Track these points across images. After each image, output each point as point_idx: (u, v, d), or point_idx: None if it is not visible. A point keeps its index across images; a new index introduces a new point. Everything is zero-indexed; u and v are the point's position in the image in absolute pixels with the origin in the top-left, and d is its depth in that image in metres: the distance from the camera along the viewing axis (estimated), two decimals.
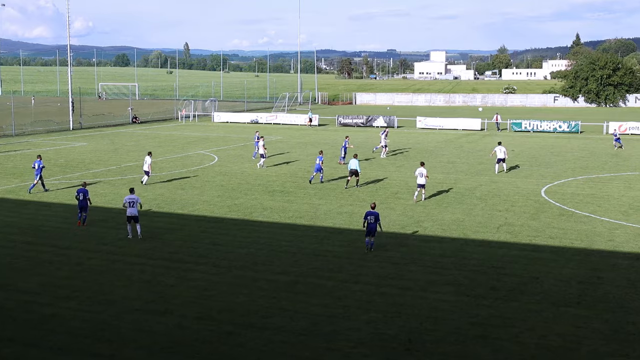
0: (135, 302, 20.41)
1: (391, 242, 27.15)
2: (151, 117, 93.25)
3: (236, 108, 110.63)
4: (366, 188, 38.98)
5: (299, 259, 24.83)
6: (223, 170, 46.04)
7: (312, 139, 66.95)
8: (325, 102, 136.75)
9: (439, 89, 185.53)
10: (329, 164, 47.76)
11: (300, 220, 30.98)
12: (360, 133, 72.72)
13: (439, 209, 33.26)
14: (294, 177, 42.94)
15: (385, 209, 33.12)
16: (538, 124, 74.96)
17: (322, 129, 78.47)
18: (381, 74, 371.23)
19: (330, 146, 60.11)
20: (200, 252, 25.67)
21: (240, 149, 58.24)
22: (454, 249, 26.07)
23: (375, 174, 44.32)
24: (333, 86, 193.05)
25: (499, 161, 44.74)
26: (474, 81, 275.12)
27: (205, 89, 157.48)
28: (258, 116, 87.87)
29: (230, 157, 52.50)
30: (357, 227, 29.63)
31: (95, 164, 49.22)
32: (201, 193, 37.65)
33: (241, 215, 32.21)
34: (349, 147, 50.87)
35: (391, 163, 49.03)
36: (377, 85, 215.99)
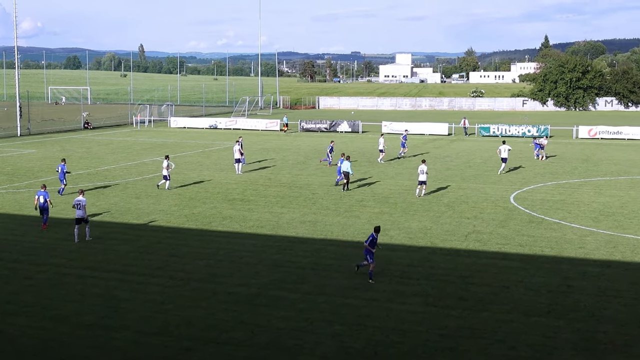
0: (87, 318, 20.17)
1: (356, 251, 27.20)
2: (104, 123, 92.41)
3: (194, 113, 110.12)
4: (330, 195, 39.06)
5: (261, 270, 24.77)
6: (180, 178, 45.75)
7: (273, 144, 66.91)
8: (287, 107, 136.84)
9: (405, 92, 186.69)
10: (301, 169, 47.72)
11: (262, 230, 30.92)
12: (358, 140, 72.84)
13: (406, 217, 33.44)
14: (254, 185, 42.85)
15: (351, 217, 33.21)
16: (507, 128, 75.82)
17: (284, 135, 78.49)
18: (345, 77, 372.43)
19: (293, 153, 60.13)
20: (157, 264, 25.47)
21: (199, 155, 57.97)
22: (421, 258, 26.22)
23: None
24: (295, 90, 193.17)
25: (504, 160, 47.58)
26: (441, 84, 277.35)
27: (161, 93, 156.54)
28: (217, 121, 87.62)
29: (188, 164, 52.22)
30: (320, 236, 29.67)
31: (45, 172, 48.58)
32: (157, 202, 37.37)
33: (199, 225, 32.04)
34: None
35: (356, 169, 49.19)
36: (341, 88, 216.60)
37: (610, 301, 21.55)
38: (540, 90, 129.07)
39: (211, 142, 69.21)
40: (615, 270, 24.78)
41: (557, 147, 64.59)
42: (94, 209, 35.11)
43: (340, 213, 34.36)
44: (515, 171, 48.67)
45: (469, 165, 51.96)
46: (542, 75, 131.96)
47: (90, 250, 27.46)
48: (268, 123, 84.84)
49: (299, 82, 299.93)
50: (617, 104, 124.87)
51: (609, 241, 28.80)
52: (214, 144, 67.79)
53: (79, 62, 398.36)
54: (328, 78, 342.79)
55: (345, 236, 29.70)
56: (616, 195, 39.34)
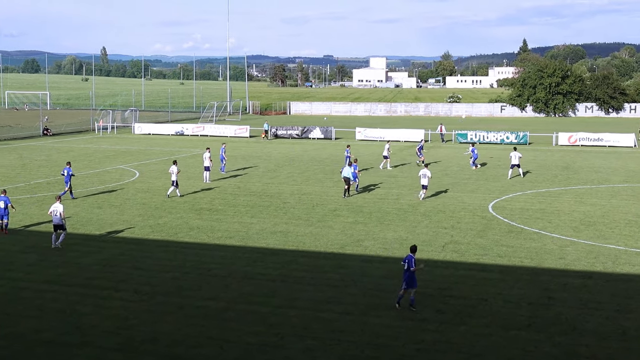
0: (47, 334, 19.94)
1: (329, 263, 27.22)
2: (65, 129, 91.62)
3: (159, 118, 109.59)
4: (302, 205, 39.05)
5: (230, 283, 24.68)
6: (145, 186, 45.50)
7: (243, 152, 66.78)
8: (257, 112, 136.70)
9: (380, 97, 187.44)
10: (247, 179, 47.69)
11: (231, 241, 30.82)
12: (330, 147, 72.84)
13: (381, 227, 33.52)
14: (223, 194, 42.72)
15: (324, 228, 33.23)
16: (485, 135, 76.34)
17: (253, 141, 78.39)
18: (317, 82, 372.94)
19: (263, 160, 60.08)
20: (120, 277, 25.28)
21: (164, 163, 57.68)
22: (397, 270, 26.26)
23: (311, 189, 44.44)
24: (266, 95, 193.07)
25: (512, 167, 49.58)
26: (417, 89, 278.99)
27: (125, 97, 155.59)
28: (184, 127, 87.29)
29: (153, 173, 51.95)
30: (292, 247, 29.65)
31: (1, 181, 48.05)
32: (121, 212, 37.12)
33: (165, 236, 31.87)
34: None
35: (328, 178, 49.25)
36: (313, 93, 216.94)
37: (592, 313, 21.74)
38: (518, 96, 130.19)
39: (177, 149, 68.92)
40: (596, 281, 25.02)
41: (536, 154, 65.13)
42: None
43: (313, 223, 34.36)
44: (493, 179, 49.01)
45: (445, 173, 52.23)
46: (521, 80, 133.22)
47: (49, 263, 27.20)
48: (237, 129, 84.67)
49: (270, 86, 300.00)
50: (598, 110, 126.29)
51: (590, 251, 29.08)
52: (181, 151, 67.51)
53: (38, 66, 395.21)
54: (300, 82, 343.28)
55: (318, 247, 29.70)
56: (597, 204, 39.76)
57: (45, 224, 33.69)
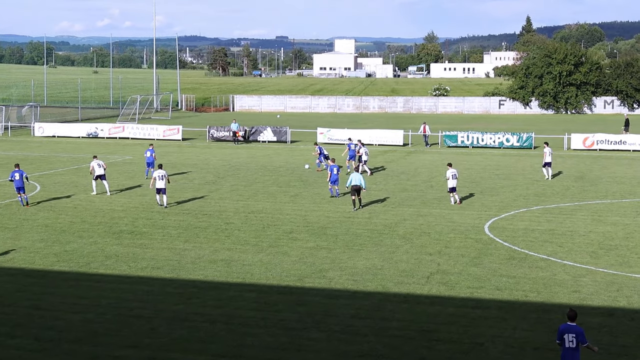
0: None
1: (284, 299, 27.17)
2: None
3: (67, 117, 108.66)
4: (249, 226, 38.98)
5: (157, 325, 24.54)
6: (48, 204, 45.10)
7: (173, 159, 66.49)
8: (192, 109, 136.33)
9: (347, 90, 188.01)
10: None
11: (159, 272, 30.65)
12: (285, 152, 72.63)
13: (349, 253, 33.57)
14: (148, 212, 42.50)
15: (277, 254, 33.19)
16: (479, 137, 76.87)
17: (187, 145, 78.10)
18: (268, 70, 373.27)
19: (199, 169, 59.88)
20: (16, 320, 25.01)
21: (73, 173, 57.23)
22: (369, 307, 26.31)
23: (261, 206, 44.38)
24: (203, 86, 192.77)
25: (546, 165, 53.59)
26: (394, 80, 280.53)
27: (22, 90, 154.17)
28: (98, 128, 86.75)
29: (58, 185, 51.53)
30: (237, 279, 29.57)
31: None
32: (16, 236, 36.75)
33: (74, 266, 31.60)
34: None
35: (283, 191, 49.24)
36: (263, 85, 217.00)
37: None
38: (521, 88, 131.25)
39: (90, 156, 68.37)
40: (619, 319, 25.25)
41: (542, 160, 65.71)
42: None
43: (263, 249, 34.32)
44: (490, 192, 49.36)
45: (430, 185, 52.48)
46: (524, 68, 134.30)
47: None
48: (166, 130, 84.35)
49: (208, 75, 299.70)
50: (620, 106, 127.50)
51: (612, 282, 29.37)
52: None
53: None
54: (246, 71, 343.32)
55: (270, 279, 29.65)
56: (619, 222, 40.21)
57: None
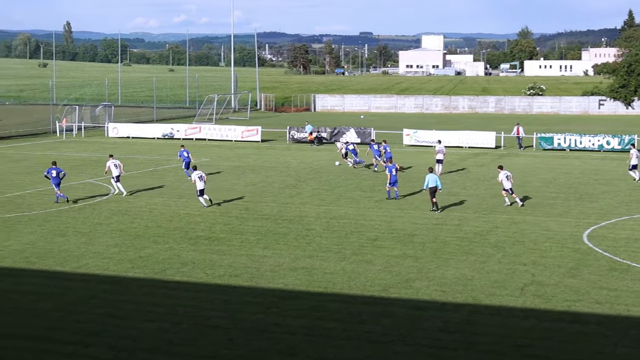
0: None
1: (368, 310, 27.15)
2: (16, 131, 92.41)
3: (142, 117, 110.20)
4: (331, 232, 39.04)
5: (235, 336, 24.70)
6: (123, 207, 45.75)
7: (252, 161, 66.90)
8: (272, 109, 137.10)
9: (435, 89, 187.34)
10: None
11: (237, 280, 30.86)
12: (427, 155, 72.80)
13: (437, 262, 33.43)
14: (226, 217, 42.84)
15: (360, 263, 33.18)
16: (577, 139, 76.01)
17: (266, 147, 78.50)
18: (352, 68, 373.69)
19: (279, 172, 60.16)
20: (90, 328, 25.39)
21: (148, 176, 57.96)
22: (459, 320, 26.16)
23: (344, 211, 44.43)
24: (283, 85, 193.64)
25: (632, 168, 54.15)
26: (485, 78, 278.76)
27: (96, 89, 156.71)
28: (173, 129, 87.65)
29: (133, 189, 52.18)
30: (318, 288, 29.62)
31: None
32: (90, 241, 37.34)
33: (150, 273, 31.99)
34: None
35: (367, 196, 49.23)
36: (345, 83, 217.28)
37: None
38: (622, 87, 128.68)
39: (166, 158, 69.28)
40: None
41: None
42: (1, 250, 35.07)
43: (346, 257, 34.34)
44: (589, 199, 48.71)
45: (525, 190, 52.02)
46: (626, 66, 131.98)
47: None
48: (245, 131, 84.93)
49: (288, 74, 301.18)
50: None
51: None
52: (170, 160, 67.81)
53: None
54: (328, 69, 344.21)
55: (353, 289, 29.66)
56: None
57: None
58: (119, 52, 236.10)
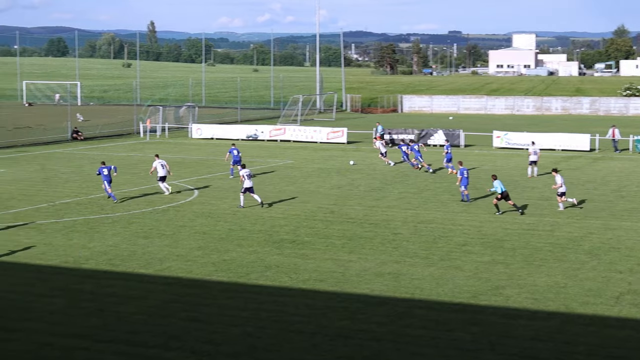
0: None
1: (457, 317, 27.01)
2: (100, 132, 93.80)
3: (225, 118, 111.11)
4: (419, 237, 38.91)
5: (319, 342, 24.75)
6: (206, 209, 46.15)
7: (337, 163, 66.95)
8: (358, 110, 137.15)
9: (527, 89, 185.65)
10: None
11: (322, 285, 30.93)
12: (458, 156, 72.68)
13: (529, 269, 33.12)
14: (310, 221, 42.95)
15: (449, 269, 33.02)
16: None
17: (352, 148, 78.47)
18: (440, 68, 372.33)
19: (365, 175, 60.15)
20: (172, 332, 25.65)
21: (234, 178, 58.37)
22: (551, 329, 25.88)
23: (432, 215, 44.26)
24: (369, 85, 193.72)
25: None
26: (579, 78, 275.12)
27: (180, 89, 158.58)
28: (257, 129, 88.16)
29: (217, 191, 52.61)
30: (405, 294, 29.54)
31: (17, 200, 49.52)
32: (174, 244, 37.74)
33: (233, 276, 32.21)
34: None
35: (455, 199, 48.97)
36: (434, 83, 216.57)
37: None
38: None
39: (250, 159, 69.68)
40: None
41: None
42: (85, 252, 35.64)
43: (434, 262, 34.21)
44: None
45: (620, 194, 51.32)
46: None
47: (80, 311, 27.81)
48: (330, 132, 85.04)
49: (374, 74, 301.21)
50: None
51: None
52: (254, 161, 68.21)
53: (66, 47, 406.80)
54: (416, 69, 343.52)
55: (441, 295, 29.53)
56: None
57: (75, 259, 34.55)
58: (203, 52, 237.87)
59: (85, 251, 35.98)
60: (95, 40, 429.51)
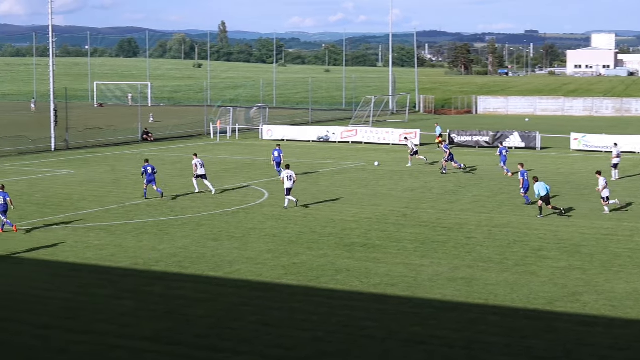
0: None
1: (531, 324, 26.80)
2: (170, 133, 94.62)
3: (296, 119, 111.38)
4: (493, 242, 38.68)
5: (390, 348, 24.71)
6: (276, 212, 46.32)
7: (410, 166, 66.77)
8: (431, 111, 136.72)
9: (606, 90, 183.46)
10: None
11: (393, 290, 30.88)
12: (534, 160, 72.23)
13: (607, 275, 32.76)
14: (382, 224, 42.90)
15: (524, 274, 32.78)
16: None
17: (424, 151, 78.17)
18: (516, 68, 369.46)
19: (437, 178, 59.92)
20: (242, 335, 25.78)
21: (302, 180, 58.54)
22: (630, 337, 25.58)
23: (507, 219, 43.95)
24: (443, 86, 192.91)
25: None
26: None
27: (250, 90, 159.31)
28: (329, 131, 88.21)
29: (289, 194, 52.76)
30: (478, 300, 29.38)
31: (88, 201, 50.14)
32: (243, 246, 37.95)
33: (303, 280, 32.29)
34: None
35: (531, 204, 48.57)
36: (509, 84, 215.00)
37: None
38: None
39: (321, 162, 69.82)
40: None
41: None
42: (155, 254, 35.99)
43: (508, 267, 33.98)
44: None
45: None
46: None
47: (149, 313, 28.09)
48: (403, 134, 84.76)
49: (448, 74, 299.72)
50: None
51: None
52: (325, 163, 68.32)
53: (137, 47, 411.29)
54: (491, 69, 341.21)
55: (515, 301, 29.33)
56: None
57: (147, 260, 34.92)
58: (274, 52, 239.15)
59: (155, 253, 36.37)
60: (166, 41, 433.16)
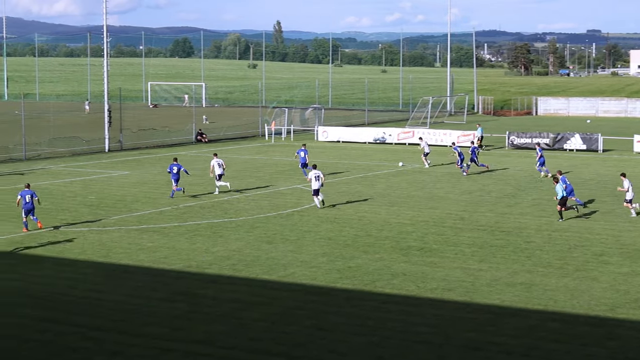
0: None
1: (592, 331, 26.59)
2: (224, 134, 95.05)
3: (352, 120, 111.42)
4: (553, 246, 38.41)
5: (446, 354, 24.65)
6: (331, 214, 46.36)
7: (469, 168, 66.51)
8: (490, 112, 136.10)
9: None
10: None
11: (450, 295, 30.79)
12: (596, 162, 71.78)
13: None
14: (439, 227, 42.79)
15: (585, 280, 32.53)
16: None
17: (484, 153, 77.82)
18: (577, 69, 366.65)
19: (496, 181, 59.61)
20: (296, 339, 25.85)
21: (358, 182, 58.53)
22: None
23: (567, 224, 43.60)
24: (502, 87, 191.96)
25: None
26: None
27: (306, 90, 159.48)
28: (385, 132, 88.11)
29: (342, 195, 52.77)
30: (537, 306, 29.20)
31: (142, 202, 50.55)
32: (298, 249, 38.02)
33: (358, 284, 32.29)
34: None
35: (593, 207, 48.18)
36: (571, 85, 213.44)
37: None
38: None
39: (377, 164, 69.78)
40: None
41: None
42: (208, 257, 36.17)
43: (568, 273, 33.73)
44: None
45: None
46: None
47: (202, 316, 28.24)
48: (461, 136, 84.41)
49: (508, 75, 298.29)
50: None
51: None
52: (382, 165, 68.26)
53: (191, 47, 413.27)
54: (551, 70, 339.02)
55: (576, 307, 29.12)
56: None
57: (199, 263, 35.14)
58: (330, 52, 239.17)
59: (208, 256, 36.56)
60: (220, 41, 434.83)
